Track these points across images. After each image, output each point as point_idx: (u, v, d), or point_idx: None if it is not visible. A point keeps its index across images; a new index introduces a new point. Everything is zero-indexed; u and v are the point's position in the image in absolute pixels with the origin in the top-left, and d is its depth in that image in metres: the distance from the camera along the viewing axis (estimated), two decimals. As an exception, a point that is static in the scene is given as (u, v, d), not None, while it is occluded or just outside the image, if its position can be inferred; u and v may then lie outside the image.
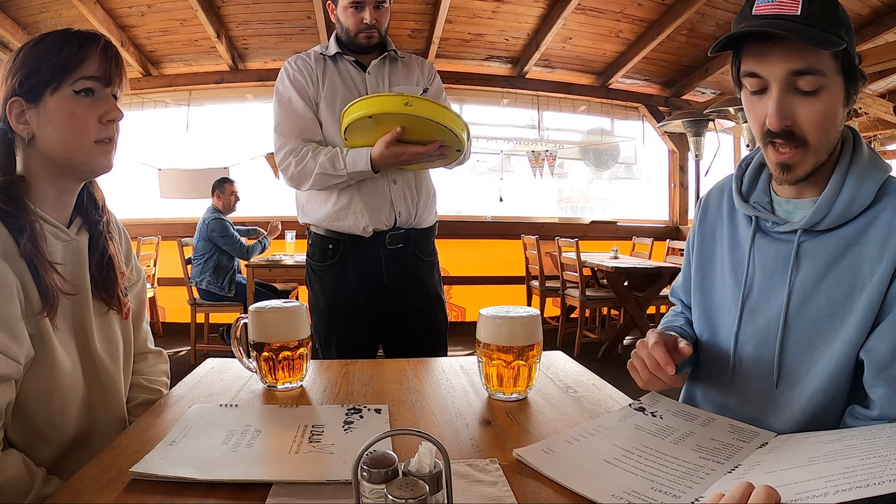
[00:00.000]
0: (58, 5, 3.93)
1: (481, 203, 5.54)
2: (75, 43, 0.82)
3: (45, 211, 0.84)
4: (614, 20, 4.59)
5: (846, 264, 0.78)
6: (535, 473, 0.66)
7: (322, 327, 1.64)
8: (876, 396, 0.74)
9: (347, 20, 1.57)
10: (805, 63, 0.73)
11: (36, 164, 0.83)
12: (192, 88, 5.05)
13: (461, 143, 1.46)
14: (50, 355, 0.80)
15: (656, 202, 6.01)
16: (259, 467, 0.66)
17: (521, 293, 5.05)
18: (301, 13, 4.39)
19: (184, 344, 4.19)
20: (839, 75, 0.76)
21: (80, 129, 0.83)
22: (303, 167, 1.53)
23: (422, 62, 1.72)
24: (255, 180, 4.69)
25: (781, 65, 0.74)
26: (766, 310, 0.86)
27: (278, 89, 1.61)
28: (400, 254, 1.60)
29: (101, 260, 0.91)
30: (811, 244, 0.81)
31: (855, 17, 4.31)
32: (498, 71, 5.34)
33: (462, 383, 1.01)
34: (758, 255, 0.87)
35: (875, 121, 5.70)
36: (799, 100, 0.76)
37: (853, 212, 0.78)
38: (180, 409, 0.86)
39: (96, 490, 0.61)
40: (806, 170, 0.79)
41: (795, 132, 0.77)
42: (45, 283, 0.79)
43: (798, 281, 0.82)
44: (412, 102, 1.36)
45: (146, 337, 1.09)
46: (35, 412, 0.79)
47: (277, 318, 0.96)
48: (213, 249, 3.82)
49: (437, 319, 1.67)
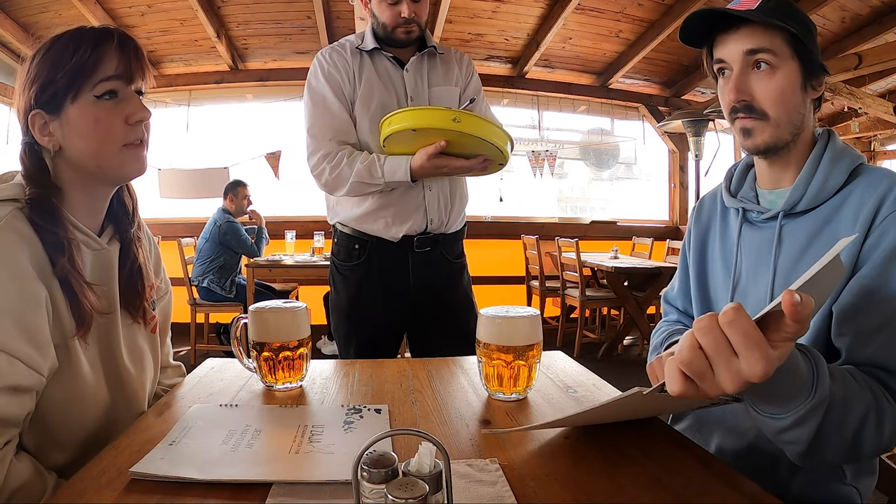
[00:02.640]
0: (58, 5, 3.93)
1: (481, 203, 5.53)
2: (88, 43, 0.78)
3: (77, 218, 0.81)
4: (614, 20, 4.60)
5: (824, 239, 0.84)
6: (535, 473, 0.66)
7: (342, 327, 1.61)
8: (841, 345, 0.79)
9: (383, 14, 1.48)
10: (757, 43, 0.83)
11: (67, 173, 0.81)
12: (192, 88, 5.05)
13: (504, 158, 1.42)
14: (75, 368, 0.78)
15: (656, 202, 6.01)
16: (259, 467, 0.66)
17: (521, 293, 5.05)
18: (301, 13, 4.39)
19: (184, 344, 4.19)
20: (794, 60, 0.84)
21: (107, 135, 0.79)
22: (338, 174, 1.47)
23: (460, 57, 1.65)
24: (255, 180, 4.68)
25: (738, 46, 0.84)
26: (755, 292, 0.91)
27: (311, 85, 1.53)
28: (427, 257, 1.56)
29: (131, 270, 0.88)
30: (792, 226, 0.88)
31: (855, 17, 4.31)
32: (498, 71, 5.34)
33: (462, 383, 1.01)
34: (745, 244, 0.94)
35: (875, 121, 5.70)
36: (755, 76, 0.85)
37: (828, 192, 0.85)
38: (180, 409, 0.86)
39: (96, 490, 0.60)
40: (765, 139, 0.86)
41: (755, 106, 0.85)
42: (80, 303, 0.76)
43: (781, 260, 0.87)
44: (460, 119, 1.31)
45: (168, 351, 1.08)
46: (53, 422, 0.77)
47: (277, 318, 0.96)
48: (222, 252, 3.83)
49: (467, 321, 1.60)
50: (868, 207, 0.79)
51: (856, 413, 0.67)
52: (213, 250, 3.82)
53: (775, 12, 0.82)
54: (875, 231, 0.78)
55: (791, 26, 0.82)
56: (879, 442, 0.69)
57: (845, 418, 0.66)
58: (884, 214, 0.78)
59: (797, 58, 0.84)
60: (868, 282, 0.77)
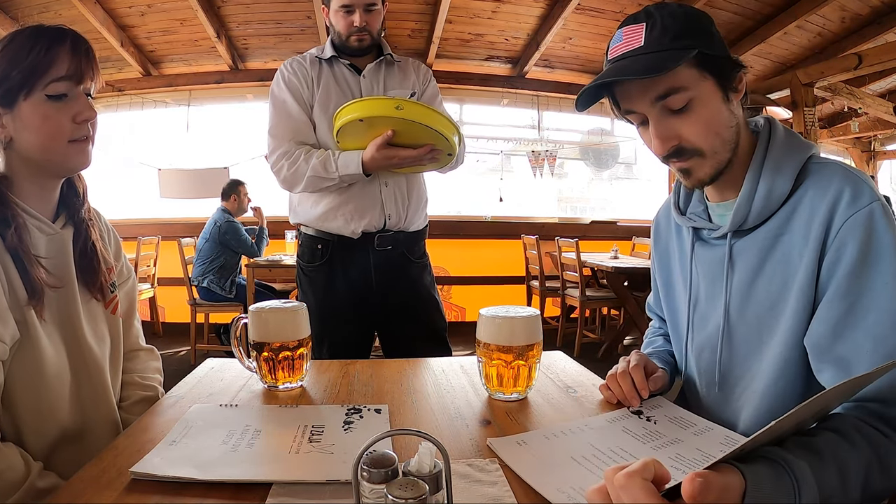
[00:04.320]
0: (58, 5, 3.93)
1: (481, 203, 5.54)
2: (44, 43, 0.83)
3: (29, 205, 0.86)
4: (614, 20, 4.59)
5: (777, 256, 0.79)
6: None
7: (313, 327, 1.63)
8: (824, 380, 0.73)
9: (338, 23, 1.57)
10: (663, 86, 0.75)
11: (17, 164, 0.86)
12: (192, 88, 5.05)
13: (452, 148, 1.47)
14: (34, 342, 0.81)
15: (656, 202, 5.97)
16: (259, 467, 0.66)
17: (521, 293, 5.05)
18: (301, 13, 4.39)
19: (184, 344, 4.19)
20: (706, 79, 0.76)
21: (55, 131, 0.84)
22: (295, 170, 1.53)
23: (418, 66, 1.72)
24: (255, 180, 4.68)
25: (644, 97, 0.77)
26: (713, 316, 0.87)
27: (273, 92, 1.62)
28: (389, 255, 1.61)
29: (85, 247, 0.93)
30: (742, 244, 0.82)
31: (855, 17, 4.31)
32: (498, 71, 5.34)
33: (462, 383, 1.01)
34: (699, 264, 0.90)
35: (875, 121, 5.70)
36: (675, 119, 0.77)
37: (774, 204, 0.79)
38: (180, 409, 0.86)
39: (96, 490, 0.60)
40: (707, 172, 0.80)
41: (685, 146, 0.79)
42: (31, 277, 0.81)
43: (735, 282, 0.83)
44: (403, 106, 1.37)
45: (137, 334, 1.10)
46: (21, 399, 0.81)
47: (277, 318, 0.96)
48: (222, 252, 3.83)
49: (434, 320, 1.67)
50: (819, 219, 0.73)
51: (855, 475, 0.60)
52: (213, 250, 3.82)
53: (663, 39, 0.74)
54: (832, 246, 0.72)
55: (687, 46, 0.73)
56: (890, 483, 0.63)
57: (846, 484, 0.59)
58: (838, 225, 0.72)
59: (709, 74, 0.76)
60: (839, 304, 0.71)
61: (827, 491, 0.55)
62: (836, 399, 0.61)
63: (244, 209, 4.05)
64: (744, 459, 0.53)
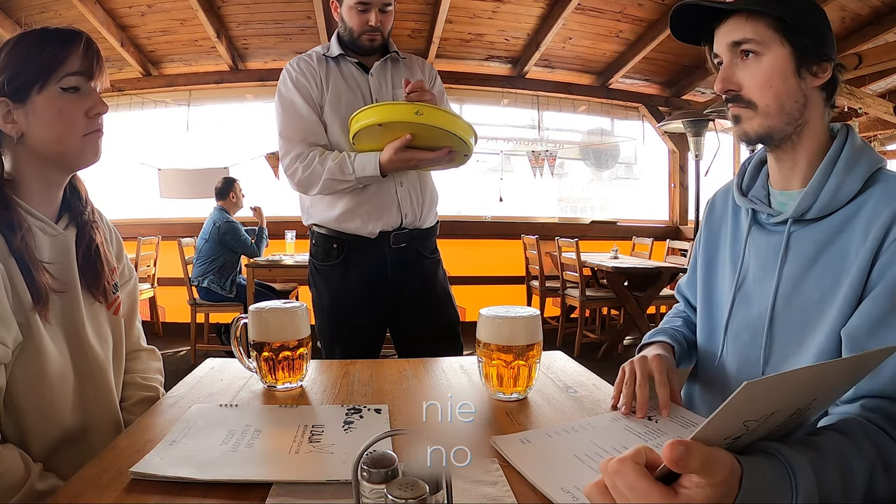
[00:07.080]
0: (58, 5, 3.93)
1: (481, 203, 5.53)
2: (57, 42, 0.85)
3: (32, 206, 0.86)
4: (614, 20, 4.59)
5: (834, 252, 0.80)
6: (535, 473, 0.66)
7: (326, 328, 1.64)
8: None
9: (352, 20, 1.56)
10: (739, 34, 0.83)
11: (25, 161, 0.86)
12: (192, 88, 5.05)
13: (469, 149, 1.48)
14: (38, 344, 0.81)
15: (656, 202, 6.01)
16: (259, 467, 0.67)
17: (521, 293, 5.05)
18: (301, 13, 4.39)
19: (184, 344, 4.19)
20: (783, 46, 0.82)
21: (70, 124, 0.85)
22: (310, 172, 1.52)
23: (423, 63, 1.72)
24: (255, 180, 4.68)
25: (724, 39, 0.85)
26: (759, 299, 0.88)
27: (281, 92, 1.60)
28: (403, 252, 1.61)
29: (88, 250, 0.93)
30: (801, 233, 0.84)
31: (855, 17, 4.31)
32: (498, 71, 5.34)
33: (462, 383, 1.01)
34: (753, 247, 0.90)
35: (875, 121, 5.70)
36: (741, 66, 0.84)
37: (840, 200, 0.80)
38: (180, 409, 0.86)
39: (96, 490, 0.61)
40: (755, 128, 0.84)
41: (742, 95, 0.85)
42: (36, 282, 0.81)
43: (787, 270, 0.84)
44: (422, 111, 1.37)
45: (139, 335, 1.11)
46: (24, 401, 0.80)
47: (277, 318, 0.96)
48: (222, 252, 3.83)
49: (448, 314, 1.68)
50: (881, 222, 0.75)
51: (859, 476, 0.60)
52: (212, 250, 3.82)
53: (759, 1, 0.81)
54: (888, 249, 0.74)
55: (775, 11, 0.80)
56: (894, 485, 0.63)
57: (848, 485, 0.58)
58: None
59: (788, 43, 0.81)
60: (883, 303, 0.73)
61: (827, 489, 0.55)
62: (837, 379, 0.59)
63: (241, 205, 4.05)
64: (742, 452, 0.53)
